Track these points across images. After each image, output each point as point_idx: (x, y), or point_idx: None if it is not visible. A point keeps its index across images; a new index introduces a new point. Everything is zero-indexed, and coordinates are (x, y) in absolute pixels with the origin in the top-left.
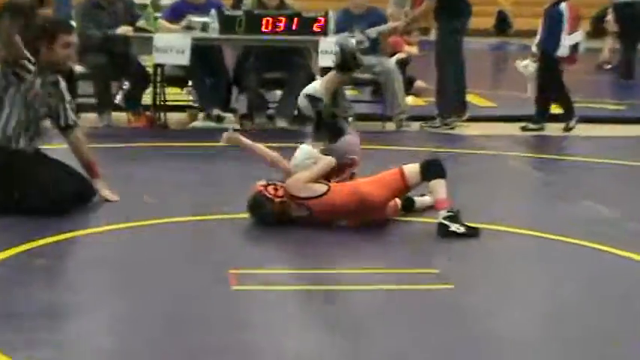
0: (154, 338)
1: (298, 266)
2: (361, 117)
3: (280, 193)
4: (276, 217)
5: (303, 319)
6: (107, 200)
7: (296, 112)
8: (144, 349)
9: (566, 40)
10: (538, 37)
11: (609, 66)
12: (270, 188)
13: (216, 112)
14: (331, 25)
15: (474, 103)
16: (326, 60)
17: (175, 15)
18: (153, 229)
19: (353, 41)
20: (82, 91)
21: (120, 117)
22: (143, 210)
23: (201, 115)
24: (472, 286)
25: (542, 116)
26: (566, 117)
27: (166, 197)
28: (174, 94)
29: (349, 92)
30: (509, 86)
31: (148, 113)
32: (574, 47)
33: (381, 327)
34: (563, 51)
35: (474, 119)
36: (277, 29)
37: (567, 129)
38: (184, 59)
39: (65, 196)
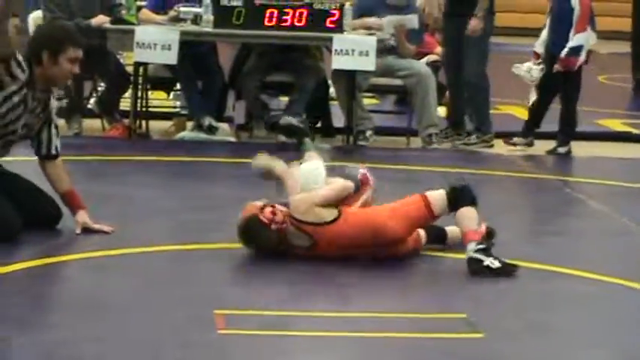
0: None
1: (298, 308)
2: (381, 131)
3: (279, 217)
4: (273, 247)
5: None
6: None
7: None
8: None
9: (570, 41)
10: (544, 34)
11: None
12: (268, 211)
13: (208, 121)
14: (347, 20)
15: (515, 115)
16: (341, 61)
17: (162, 4)
18: (126, 261)
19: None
20: None
21: (93, 124)
22: (117, 237)
23: (190, 124)
24: (506, 335)
25: (533, 129)
26: (565, 136)
27: (144, 222)
28: (158, 99)
29: (368, 101)
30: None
31: (126, 121)
32: (575, 50)
33: None
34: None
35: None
36: (283, 24)
37: (567, 152)
38: (171, 57)
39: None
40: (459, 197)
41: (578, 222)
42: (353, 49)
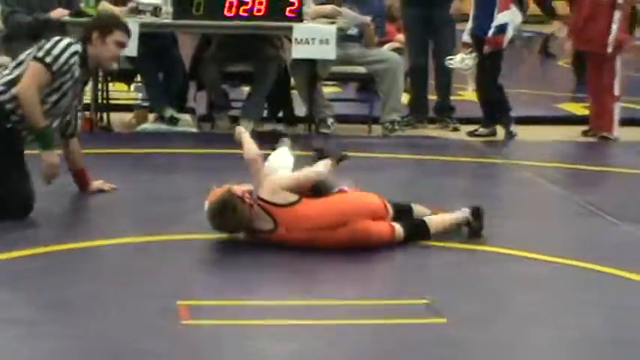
0: None
1: (262, 297)
2: (343, 119)
3: (248, 196)
4: (245, 222)
5: None
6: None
7: (265, 113)
8: None
9: (495, 21)
10: (470, 23)
11: None
12: (238, 189)
13: (169, 112)
14: (307, 9)
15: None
16: (301, 51)
17: None
18: (90, 253)
19: None
20: None
21: None
22: (80, 230)
23: (151, 116)
24: (466, 321)
25: (493, 118)
26: (505, 120)
27: (107, 214)
28: (119, 91)
29: (329, 89)
30: None
31: (87, 113)
32: (500, 28)
33: None
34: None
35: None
36: (243, 13)
37: (510, 135)
38: (131, 49)
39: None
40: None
41: (533, 205)
42: (313, 38)
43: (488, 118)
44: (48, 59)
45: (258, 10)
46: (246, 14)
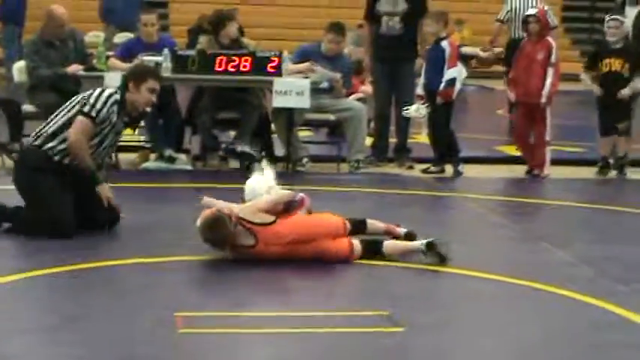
0: None
1: (245, 309)
2: (315, 159)
3: (234, 217)
4: (230, 239)
5: None
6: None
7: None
8: None
9: (445, 75)
10: (422, 78)
11: None
12: (225, 211)
13: (168, 152)
14: (286, 66)
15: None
16: (281, 101)
17: (128, 54)
18: (103, 271)
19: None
20: (30, 131)
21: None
22: (95, 251)
23: (152, 155)
24: (423, 330)
25: (443, 158)
26: (454, 160)
27: (114, 239)
28: (125, 134)
29: (303, 133)
30: None
31: None
32: (450, 82)
33: None
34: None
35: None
36: (231, 69)
37: (458, 173)
38: None
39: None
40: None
41: (480, 232)
42: (290, 90)
43: (439, 158)
44: (93, 113)
45: (244, 67)
46: (233, 69)
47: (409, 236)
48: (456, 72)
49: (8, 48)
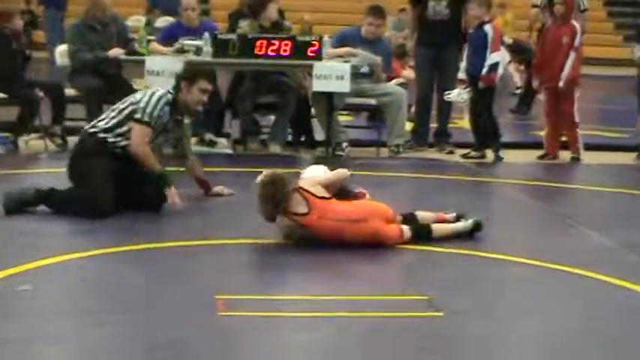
0: None
1: (286, 292)
2: (355, 143)
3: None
4: (286, 199)
5: (290, 347)
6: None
7: (289, 138)
8: None
9: (487, 60)
10: (464, 62)
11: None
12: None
13: (208, 136)
14: (326, 50)
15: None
16: (321, 85)
17: (169, 38)
18: (147, 254)
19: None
20: (73, 114)
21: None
22: (133, 235)
23: (193, 139)
24: (463, 315)
25: (484, 143)
26: (495, 145)
27: (157, 222)
28: None
29: (343, 118)
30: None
31: None
32: (493, 67)
33: (368, 356)
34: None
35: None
36: (271, 53)
37: (498, 158)
38: None
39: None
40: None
41: (521, 217)
42: (330, 74)
43: (480, 143)
44: (147, 119)
45: (284, 51)
46: (273, 53)
47: (460, 219)
48: (499, 56)
49: (51, 32)
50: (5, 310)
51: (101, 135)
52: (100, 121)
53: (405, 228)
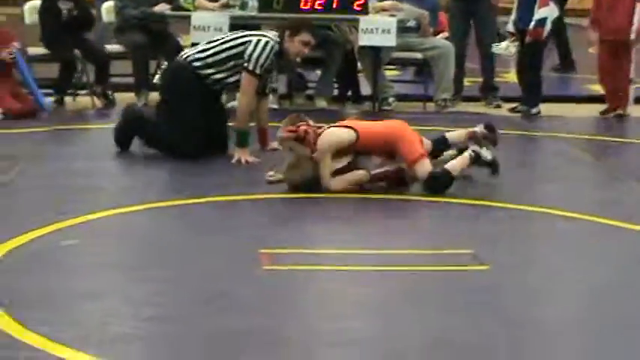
0: (182, 317)
1: (329, 246)
2: (402, 98)
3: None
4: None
5: (334, 300)
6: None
7: (335, 92)
8: (171, 330)
9: (535, 14)
10: (514, 15)
11: None
12: (302, 129)
13: None
14: (372, 4)
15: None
16: (367, 39)
17: None
18: (186, 209)
19: None
20: (119, 71)
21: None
22: (175, 191)
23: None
24: (508, 268)
25: (531, 97)
26: (529, 102)
27: (199, 177)
28: None
29: (390, 72)
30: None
31: None
32: (540, 22)
33: (414, 309)
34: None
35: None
36: (317, 7)
37: (528, 114)
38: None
39: None
40: (433, 186)
41: (569, 171)
42: (377, 28)
43: (528, 97)
44: (258, 70)
45: (330, 5)
46: (320, 7)
47: (488, 128)
48: (548, 11)
49: None
50: (50, 265)
51: (204, 71)
52: (201, 52)
53: (428, 161)
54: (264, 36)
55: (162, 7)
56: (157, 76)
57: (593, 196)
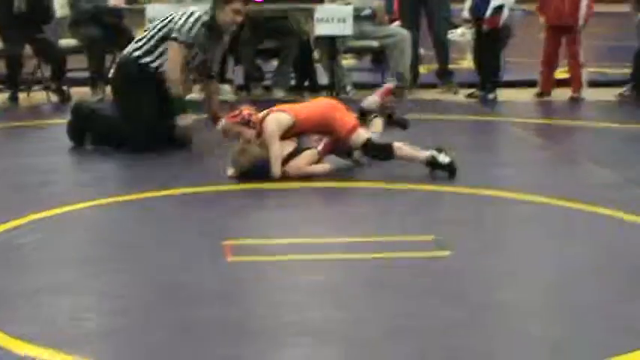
0: (146, 311)
1: (292, 235)
2: (359, 86)
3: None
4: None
5: (298, 290)
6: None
7: (293, 82)
8: (135, 323)
9: (492, 2)
10: (469, 1)
11: None
12: (245, 114)
13: None
14: None
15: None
16: (323, 28)
17: None
18: (151, 202)
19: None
20: (74, 65)
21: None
22: (136, 184)
23: (196, 87)
24: (469, 253)
25: (488, 83)
26: (486, 87)
27: (162, 169)
28: None
29: (347, 61)
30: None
31: None
32: (496, 9)
33: (378, 296)
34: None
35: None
36: None
37: (485, 99)
38: None
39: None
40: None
41: (524, 154)
42: (332, 17)
43: (485, 83)
44: (183, 37)
45: None
46: None
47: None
48: None
49: None
50: (8, 263)
51: (144, 59)
52: (137, 42)
53: (363, 131)
54: (192, 10)
55: (117, 1)
56: (112, 70)
57: (554, 179)
